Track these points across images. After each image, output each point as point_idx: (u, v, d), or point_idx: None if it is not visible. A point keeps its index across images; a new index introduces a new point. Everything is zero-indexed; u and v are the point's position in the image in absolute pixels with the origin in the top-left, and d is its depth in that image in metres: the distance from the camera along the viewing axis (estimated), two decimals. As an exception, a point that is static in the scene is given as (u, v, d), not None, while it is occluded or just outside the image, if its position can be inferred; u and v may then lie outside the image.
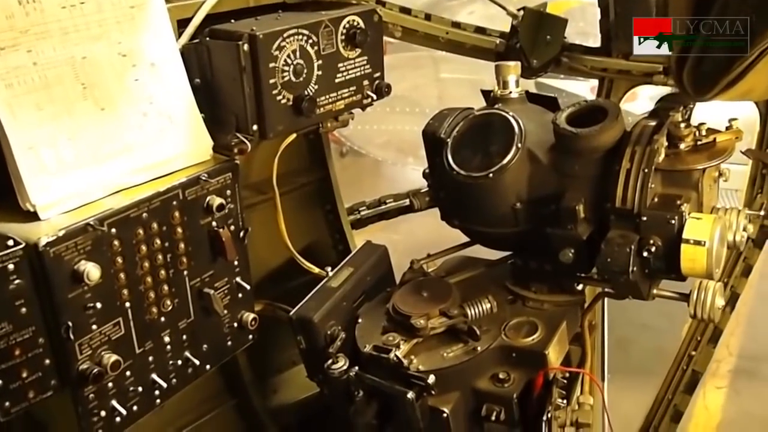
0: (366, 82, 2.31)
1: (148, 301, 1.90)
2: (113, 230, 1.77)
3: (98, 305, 1.75)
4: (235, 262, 2.11)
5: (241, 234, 2.11)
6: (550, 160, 2.08)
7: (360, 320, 2.23)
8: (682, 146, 2.01)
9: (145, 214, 1.84)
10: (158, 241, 1.89)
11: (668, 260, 1.90)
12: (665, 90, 2.66)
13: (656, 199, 1.95)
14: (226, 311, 2.10)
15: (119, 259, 1.80)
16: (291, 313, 2.19)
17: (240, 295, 2.15)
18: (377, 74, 2.34)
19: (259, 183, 2.53)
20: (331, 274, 2.33)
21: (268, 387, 2.85)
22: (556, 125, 2.02)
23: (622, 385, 3.76)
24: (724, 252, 1.91)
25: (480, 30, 2.87)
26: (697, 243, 1.83)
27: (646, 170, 1.90)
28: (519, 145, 2.06)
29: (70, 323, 1.70)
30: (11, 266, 1.61)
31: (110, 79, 1.90)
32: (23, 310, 1.65)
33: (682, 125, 1.99)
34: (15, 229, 1.70)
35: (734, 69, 1.73)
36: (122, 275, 1.81)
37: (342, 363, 2.10)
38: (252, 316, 2.17)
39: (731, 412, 5.23)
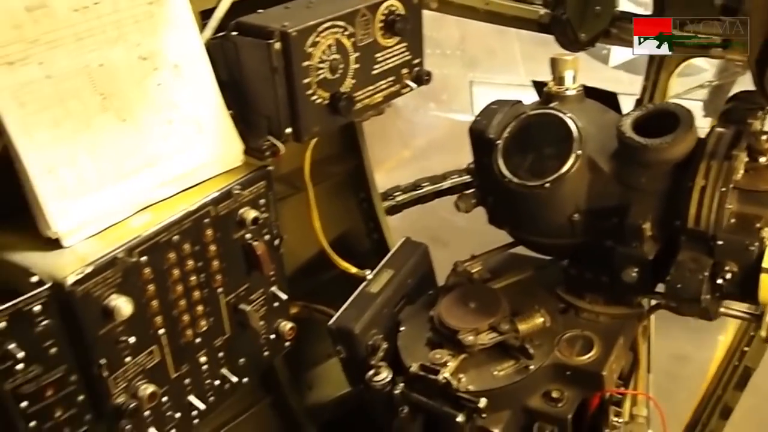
0: (405, 71, 2.12)
1: (183, 324, 1.80)
2: (143, 258, 1.65)
3: (131, 339, 1.65)
4: (271, 273, 1.99)
5: (277, 243, 1.99)
6: (613, 169, 1.91)
7: (402, 328, 2.13)
8: (763, 160, 1.82)
9: (176, 237, 1.72)
10: (191, 262, 1.77)
11: (744, 287, 1.75)
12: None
13: (733, 220, 1.78)
14: (262, 323, 2.00)
15: (151, 287, 1.69)
16: (330, 323, 2.09)
17: (276, 304, 2.05)
18: (417, 60, 2.15)
19: (290, 175, 2.38)
20: (370, 276, 2.21)
21: (304, 383, 2.77)
22: (622, 133, 1.84)
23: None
24: (807, 277, 1.75)
25: (522, -2, 2.63)
26: (779, 274, 1.67)
27: (723, 189, 1.73)
28: (578, 152, 1.89)
29: (102, 360, 1.61)
30: (38, 308, 1.50)
31: (130, 86, 1.73)
32: (53, 350, 1.54)
33: (764, 137, 1.80)
34: (37, 260, 1.58)
35: None
36: (155, 303, 1.71)
37: (385, 375, 2.02)
38: (289, 325, 2.08)
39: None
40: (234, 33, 1.86)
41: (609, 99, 2.07)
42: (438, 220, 4.45)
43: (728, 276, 1.73)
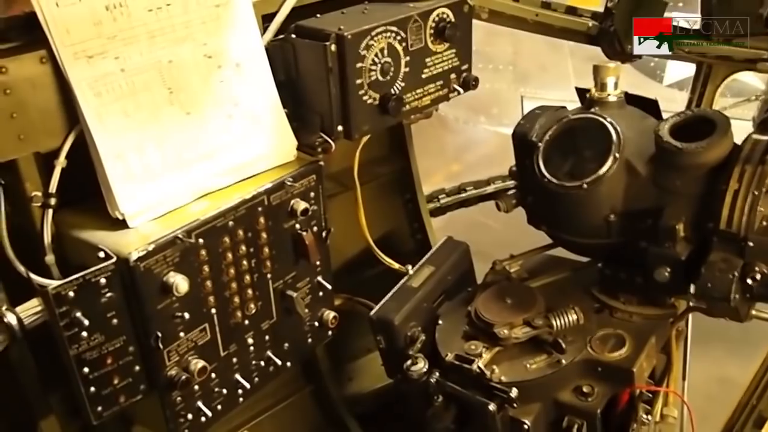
0: (453, 76, 2.22)
1: (233, 305, 1.91)
2: (201, 240, 1.77)
3: (186, 315, 1.77)
4: (317, 263, 2.10)
5: (324, 234, 2.10)
6: (650, 172, 1.97)
7: (440, 322, 2.21)
8: (797, 166, 1.86)
9: (231, 223, 1.84)
10: (243, 248, 1.89)
11: (774, 289, 1.79)
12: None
13: (764, 223, 1.82)
14: (307, 311, 2.11)
15: (206, 268, 1.81)
16: (371, 313, 2.18)
17: (321, 293, 2.15)
18: (465, 66, 2.25)
19: (339, 173, 2.50)
20: (411, 272, 2.30)
21: (344, 374, 2.87)
22: (659, 137, 1.90)
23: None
24: (839, 281, 1.79)
25: (571, 10, 2.71)
26: (809, 276, 1.71)
27: (755, 192, 1.78)
28: (617, 154, 1.96)
29: (159, 333, 1.73)
30: (103, 280, 1.63)
31: (196, 82, 1.87)
32: (114, 321, 1.68)
33: (800, 145, 1.84)
34: (104, 238, 1.72)
35: None
36: (209, 283, 1.83)
37: (421, 365, 2.08)
38: (332, 314, 2.18)
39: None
40: (293, 35, 1.98)
41: (650, 106, 2.13)
42: (481, 234, 4.50)
43: (758, 277, 1.77)
